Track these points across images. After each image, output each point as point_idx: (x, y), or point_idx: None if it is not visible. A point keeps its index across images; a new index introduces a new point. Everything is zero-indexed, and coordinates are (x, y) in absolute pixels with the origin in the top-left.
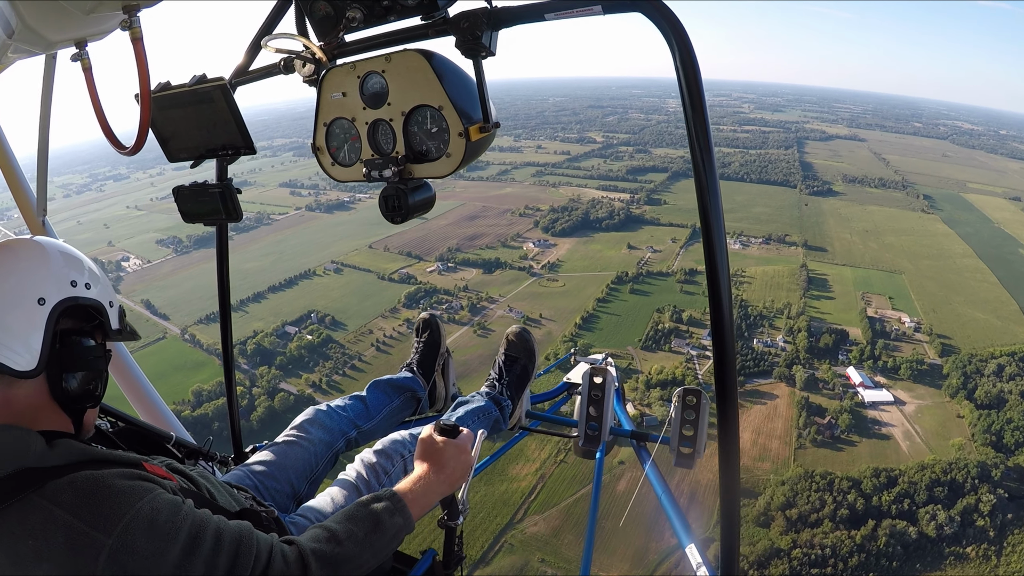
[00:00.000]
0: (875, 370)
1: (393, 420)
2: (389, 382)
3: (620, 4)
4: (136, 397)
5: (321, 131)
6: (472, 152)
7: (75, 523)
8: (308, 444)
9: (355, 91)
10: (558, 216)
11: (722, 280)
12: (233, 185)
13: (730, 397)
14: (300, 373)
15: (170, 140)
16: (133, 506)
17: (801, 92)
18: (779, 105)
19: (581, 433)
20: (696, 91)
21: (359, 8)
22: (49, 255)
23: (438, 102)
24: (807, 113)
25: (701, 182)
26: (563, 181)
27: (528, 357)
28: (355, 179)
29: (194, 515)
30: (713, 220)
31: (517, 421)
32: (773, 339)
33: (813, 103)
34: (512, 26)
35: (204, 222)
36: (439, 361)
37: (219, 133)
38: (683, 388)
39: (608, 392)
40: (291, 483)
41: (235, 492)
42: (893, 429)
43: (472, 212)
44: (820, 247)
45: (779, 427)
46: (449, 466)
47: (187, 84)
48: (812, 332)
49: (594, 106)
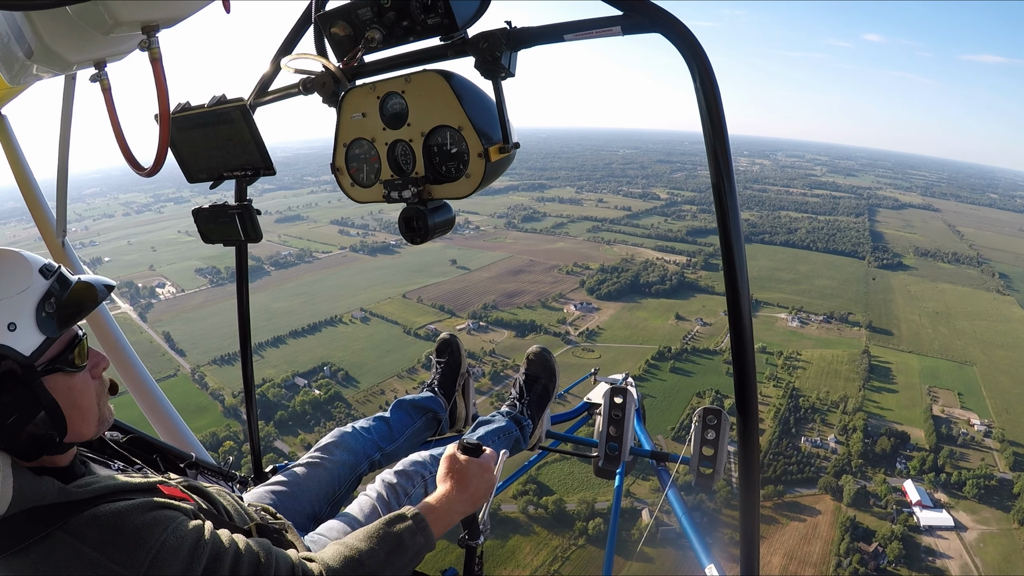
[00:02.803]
0: (936, 484)
1: (415, 441)
2: (412, 403)
3: (639, 25)
4: (157, 418)
5: (341, 152)
6: (491, 173)
7: (104, 561)
8: (332, 466)
9: (375, 111)
10: (606, 277)
11: (742, 295)
12: (252, 206)
13: (751, 417)
14: (299, 431)
15: (189, 161)
16: (159, 539)
17: (876, 156)
18: (852, 169)
19: (601, 453)
20: (716, 113)
21: (378, 29)
22: None
23: (458, 123)
24: (881, 179)
25: (722, 204)
26: (618, 239)
27: (549, 377)
28: (374, 200)
29: (215, 539)
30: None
31: (537, 441)
32: (824, 438)
33: (887, 168)
34: (531, 46)
35: (223, 243)
36: (459, 381)
37: (238, 154)
38: (704, 408)
39: (628, 412)
40: (312, 504)
41: (249, 510)
42: (949, 562)
43: (518, 266)
44: (885, 329)
45: (816, 552)
46: (472, 485)
47: (206, 105)
48: (869, 432)
49: (663, 160)
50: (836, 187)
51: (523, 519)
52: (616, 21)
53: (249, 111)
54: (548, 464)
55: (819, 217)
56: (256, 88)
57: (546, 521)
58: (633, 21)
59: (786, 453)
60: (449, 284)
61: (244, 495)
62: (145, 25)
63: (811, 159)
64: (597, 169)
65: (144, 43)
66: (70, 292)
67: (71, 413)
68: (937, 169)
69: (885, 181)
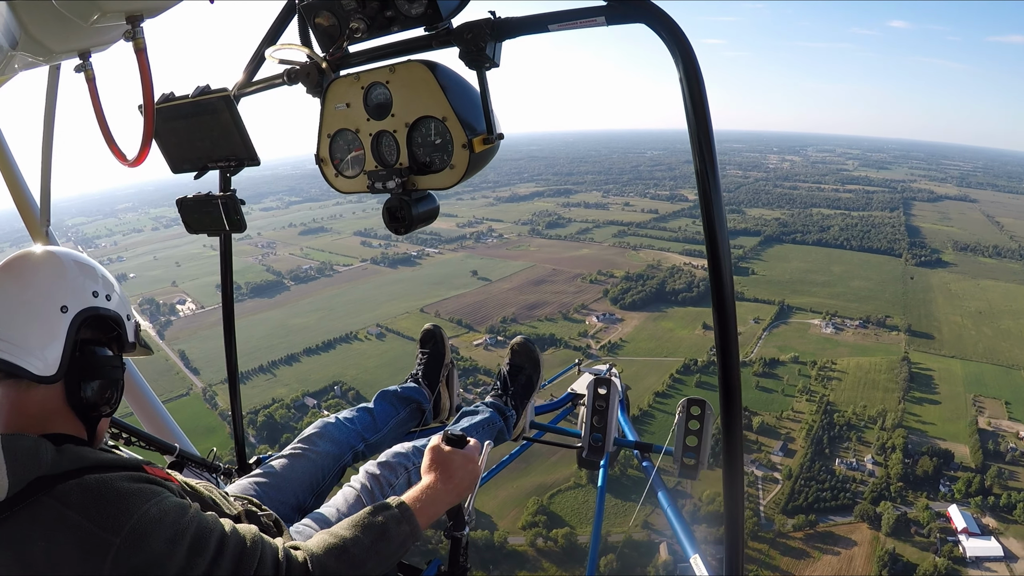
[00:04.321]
0: (984, 508)
1: (399, 432)
2: (396, 393)
3: (623, 15)
4: (142, 410)
5: (325, 142)
6: (475, 163)
7: (85, 523)
8: (315, 457)
9: (359, 102)
10: (631, 285)
11: (726, 285)
12: (236, 196)
13: (734, 406)
14: None
15: (174, 151)
16: (140, 508)
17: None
18: (885, 162)
19: (585, 444)
20: (700, 103)
21: (362, 19)
22: (65, 265)
23: (442, 113)
24: (914, 171)
25: (706, 190)
26: (645, 243)
27: (533, 367)
28: (358, 190)
29: (200, 518)
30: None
31: (521, 431)
32: (861, 459)
33: (921, 160)
34: (516, 36)
35: (207, 233)
36: (443, 372)
37: (223, 144)
38: (687, 399)
39: (612, 403)
40: (296, 495)
41: (235, 503)
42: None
43: (540, 276)
44: (926, 333)
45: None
46: (457, 476)
47: (190, 95)
48: (909, 451)
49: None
50: (869, 181)
51: (531, 553)
52: (600, 11)
53: (233, 101)
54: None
55: (852, 213)
56: (241, 79)
57: (555, 555)
58: (617, 12)
59: (819, 478)
60: (469, 296)
61: (227, 487)
62: (130, 15)
63: (842, 153)
64: (624, 172)
65: (129, 33)
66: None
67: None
68: (972, 158)
69: (919, 173)
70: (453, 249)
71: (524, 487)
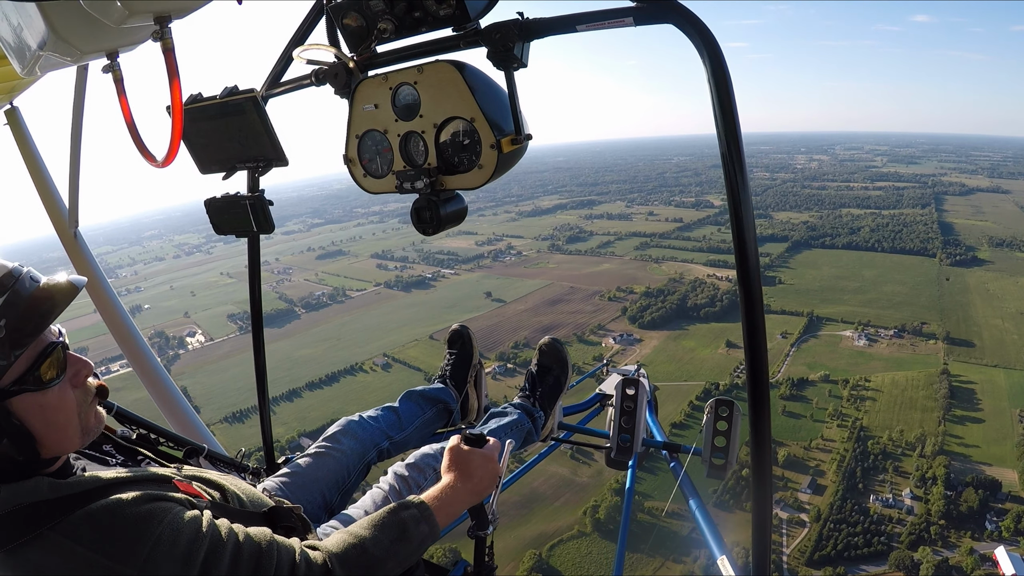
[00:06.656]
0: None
1: (425, 431)
2: (422, 393)
3: (651, 15)
4: (170, 410)
5: (353, 143)
6: (504, 164)
7: (100, 559)
8: (339, 455)
9: (387, 103)
10: (651, 302)
11: (754, 290)
12: (264, 197)
13: (763, 407)
14: None
15: (202, 153)
16: (154, 532)
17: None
18: (914, 157)
19: (613, 444)
20: (728, 103)
21: (390, 19)
22: None
23: (470, 114)
24: (944, 164)
25: (734, 191)
26: (668, 255)
27: (561, 368)
28: (387, 191)
29: (213, 530)
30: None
31: (549, 432)
32: (898, 493)
33: (950, 152)
34: (544, 37)
35: (236, 234)
36: (471, 373)
37: (250, 145)
38: (715, 399)
39: (640, 403)
40: (322, 493)
41: (264, 496)
42: None
43: (556, 295)
44: (966, 340)
45: None
46: (476, 475)
47: (218, 96)
48: (951, 481)
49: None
50: (899, 177)
51: None
52: (628, 12)
53: (261, 102)
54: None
55: (883, 212)
56: (268, 79)
57: None
58: (645, 12)
59: (850, 519)
60: (482, 320)
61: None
62: (158, 15)
63: (870, 150)
64: (649, 180)
65: (157, 33)
66: (24, 307)
67: (46, 432)
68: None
69: (949, 166)
70: (470, 269)
71: (523, 537)
